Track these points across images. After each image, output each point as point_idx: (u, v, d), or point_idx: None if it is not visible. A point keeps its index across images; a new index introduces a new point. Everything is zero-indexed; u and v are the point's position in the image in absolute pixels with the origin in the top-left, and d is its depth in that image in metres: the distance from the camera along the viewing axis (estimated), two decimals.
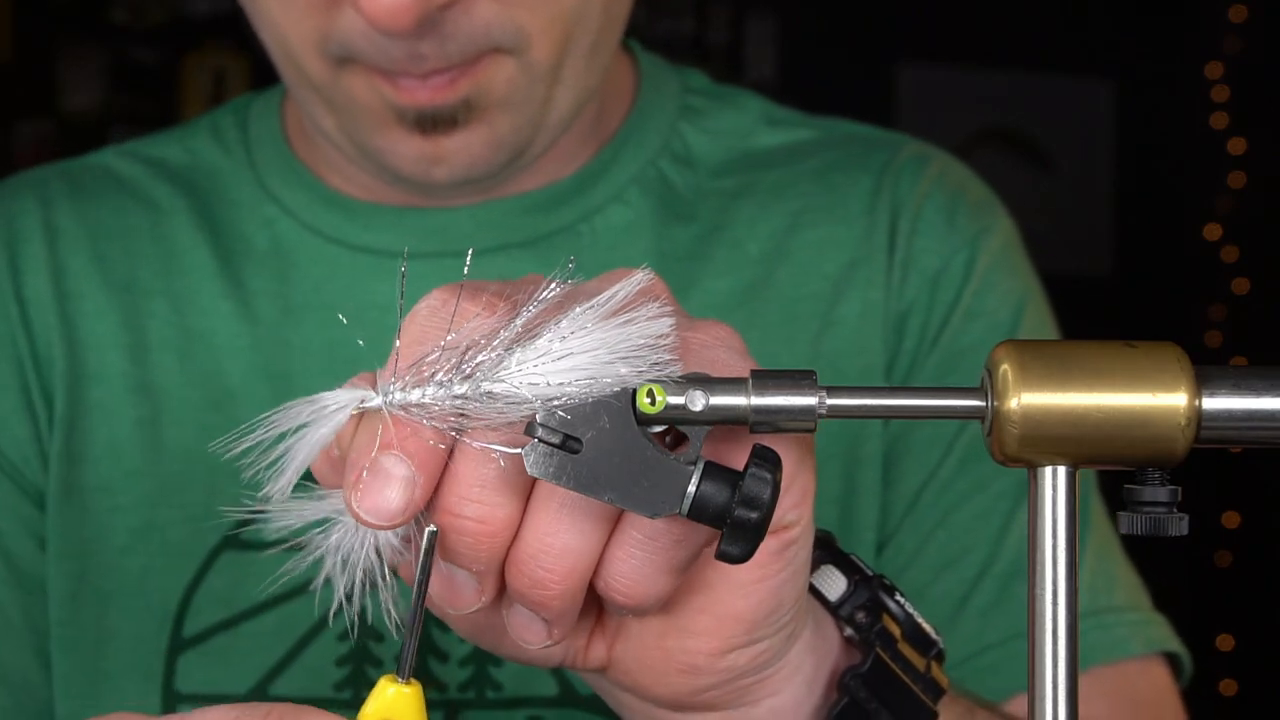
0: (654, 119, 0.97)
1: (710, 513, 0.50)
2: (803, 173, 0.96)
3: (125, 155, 0.98)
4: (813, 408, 0.49)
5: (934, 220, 0.94)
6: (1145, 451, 0.49)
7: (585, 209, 0.92)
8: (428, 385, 0.49)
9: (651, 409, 0.49)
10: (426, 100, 0.80)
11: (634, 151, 0.95)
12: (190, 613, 0.87)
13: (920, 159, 0.97)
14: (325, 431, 0.49)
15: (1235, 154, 3.51)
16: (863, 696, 0.61)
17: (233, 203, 0.94)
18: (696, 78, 1.01)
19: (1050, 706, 0.49)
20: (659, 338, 0.50)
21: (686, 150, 0.96)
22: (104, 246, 0.93)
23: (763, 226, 0.94)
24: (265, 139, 0.96)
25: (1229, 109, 3.52)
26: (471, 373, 0.49)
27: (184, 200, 0.94)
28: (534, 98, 0.84)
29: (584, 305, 0.50)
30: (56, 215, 0.93)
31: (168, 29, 3.43)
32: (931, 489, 0.90)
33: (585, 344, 0.49)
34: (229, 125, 0.98)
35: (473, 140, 0.83)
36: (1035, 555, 0.49)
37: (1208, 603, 3.13)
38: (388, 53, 0.79)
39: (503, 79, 0.82)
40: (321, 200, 0.93)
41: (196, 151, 0.97)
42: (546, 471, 0.49)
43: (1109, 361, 0.49)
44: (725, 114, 0.99)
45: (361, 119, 0.83)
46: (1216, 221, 3.52)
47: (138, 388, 0.89)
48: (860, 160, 0.96)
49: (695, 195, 0.95)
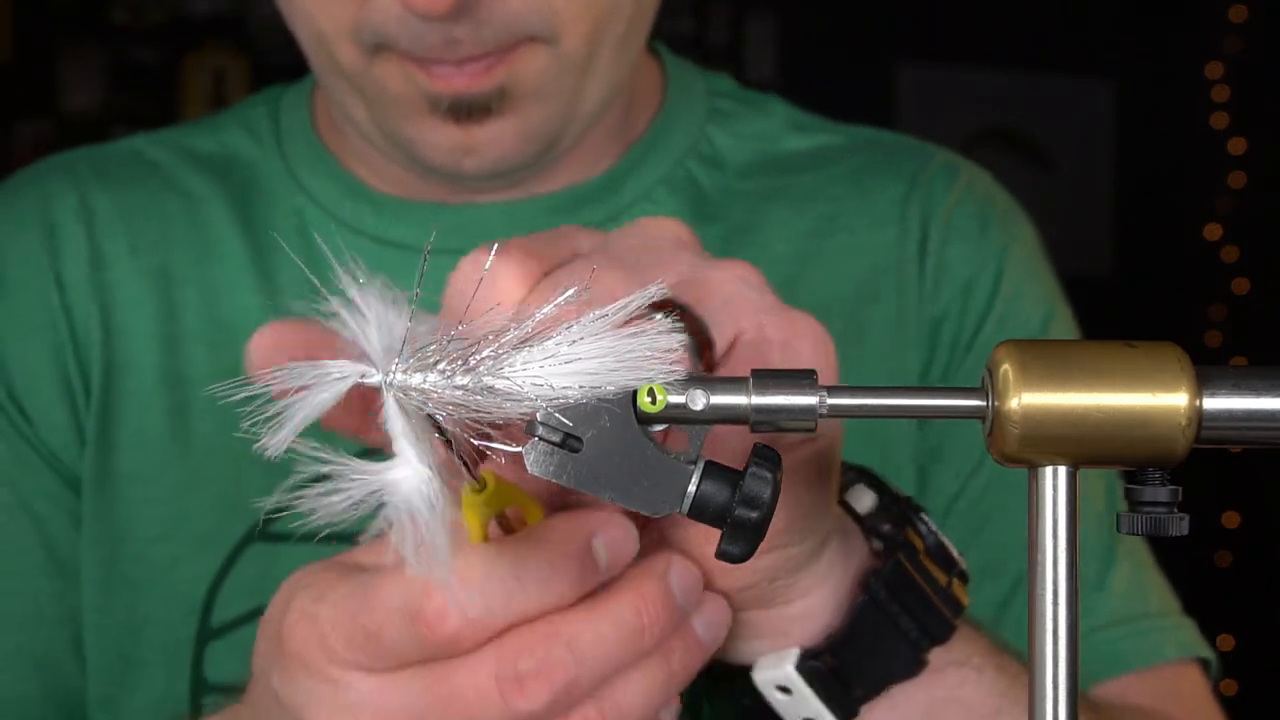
0: (682, 120, 0.97)
1: (710, 512, 0.50)
2: (833, 176, 0.96)
3: (155, 143, 0.98)
4: (813, 407, 0.49)
5: (965, 229, 0.95)
6: (1145, 451, 0.49)
7: (613, 208, 0.93)
8: (430, 372, 0.49)
9: (652, 408, 0.49)
10: (462, 87, 0.80)
11: (662, 152, 0.95)
12: (218, 603, 0.87)
13: (951, 168, 0.98)
14: (325, 397, 0.49)
15: (1235, 154, 3.51)
16: (883, 597, 0.64)
17: (265, 193, 0.94)
18: (723, 81, 1.01)
19: (1050, 707, 0.49)
20: (666, 351, 0.50)
21: (714, 152, 0.97)
22: (139, 231, 0.92)
23: (794, 227, 0.94)
24: (296, 130, 0.96)
25: (1229, 109, 3.53)
26: (476, 365, 0.49)
27: (217, 188, 0.94)
28: (565, 88, 0.84)
29: (596, 312, 0.50)
30: (92, 198, 0.93)
31: (168, 29, 3.43)
32: (967, 495, 0.90)
33: (593, 350, 0.49)
34: (260, 116, 0.98)
35: (505, 131, 0.83)
36: (1035, 555, 0.49)
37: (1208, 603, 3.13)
38: (423, 39, 0.78)
39: (535, 68, 0.82)
40: (349, 193, 0.93)
41: (228, 142, 0.97)
42: (547, 470, 0.49)
43: (1109, 361, 0.49)
44: (752, 118, 0.99)
45: (393, 108, 0.83)
46: (1216, 221, 3.53)
47: (168, 378, 0.89)
48: (891, 166, 0.97)
49: (723, 196, 0.95)
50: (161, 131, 1.00)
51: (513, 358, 0.49)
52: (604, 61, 0.84)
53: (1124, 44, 3.71)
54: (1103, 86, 3.77)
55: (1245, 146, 3.51)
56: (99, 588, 0.88)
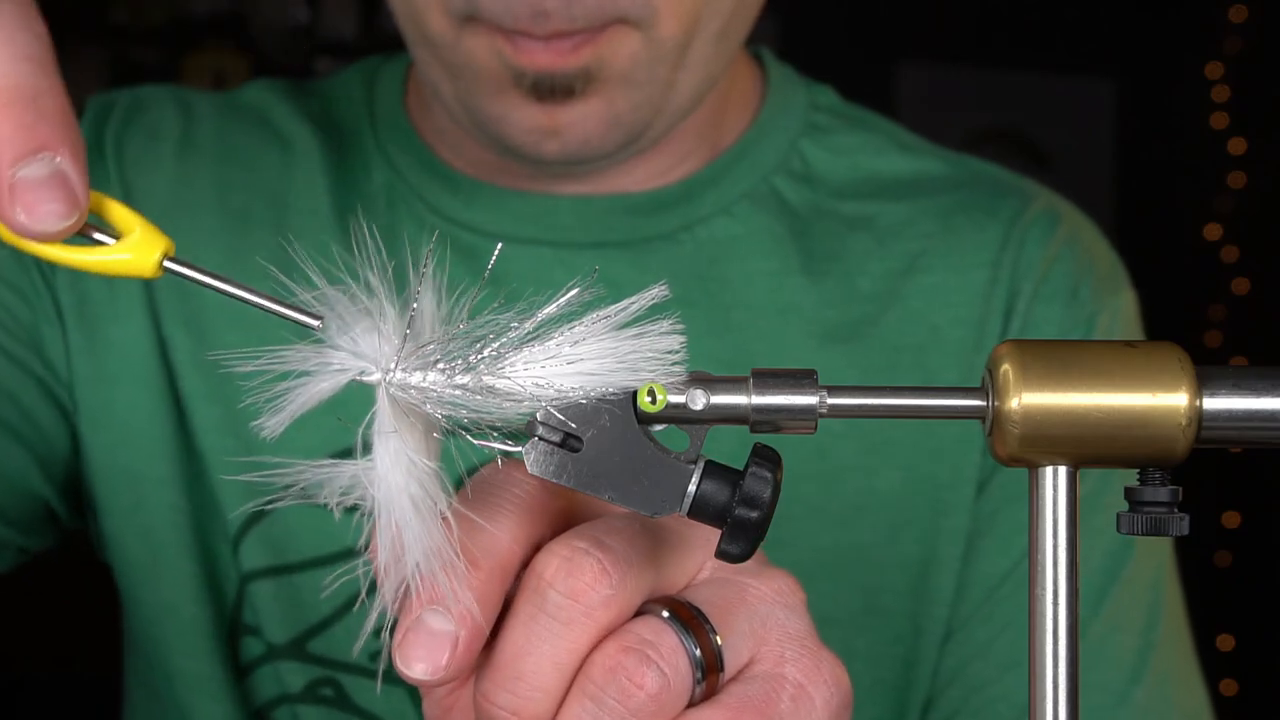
0: (775, 134, 0.94)
1: (710, 512, 0.50)
2: (927, 210, 0.93)
3: (277, 92, 0.98)
4: (813, 407, 0.49)
5: (1058, 289, 0.90)
6: (1145, 451, 0.49)
7: (690, 217, 0.90)
8: (430, 370, 0.49)
9: (652, 408, 0.49)
10: (546, 64, 0.79)
11: (750, 165, 0.93)
12: (244, 547, 0.88)
13: (1051, 217, 0.93)
14: (324, 387, 0.49)
15: (1235, 154, 3.51)
16: None
17: (356, 159, 0.94)
18: (825, 94, 0.98)
19: (1050, 707, 0.49)
20: (668, 353, 0.50)
21: (806, 168, 0.93)
22: (231, 172, 0.93)
23: (878, 264, 0.90)
24: (386, 99, 0.96)
25: (1229, 109, 3.52)
26: (475, 365, 0.49)
27: (319, 148, 0.94)
28: (656, 78, 0.82)
29: (599, 314, 0.50)
30: (196, 128, 0.94)
31: (168, 29, 3.43)
32: (1013, 580, 0.87)
33: (594, 351, 0.49)
34: (356, 83, 0.98)
35: (589, 115, 0.82)
36: (1035, 556, 0.49)
37: (1208, 603, 3.13)
38: (511, 8, 0.78)
39: (626, 53, 0.80)
40: (428, 169, 0.92)
41: (330, 110, 0.97)
42: (547, 470, 0.49)
43: (1109, 361, 0.49)
44: (854, 133, 0.96)
45: (479, 83, 0.82)
46: (1216, 221, 3.52)
47: (235, 322, 0.88)
48: (988, 206, 0.93)
49: (812, 214, 0.92)
50: (279, 84, 1.00)
51: (513, 357, 0.49)
52: (699, 54, 0.82)
53: (1124, 44, 3.71)
54: (1103, 86, 3.77)
55: (1245, 146, 3.50)
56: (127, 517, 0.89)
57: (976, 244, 0.91)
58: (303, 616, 0.88)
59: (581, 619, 0.50)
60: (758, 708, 0.51)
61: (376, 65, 0.99)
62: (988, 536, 0.88)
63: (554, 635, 0.50)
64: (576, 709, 0.50)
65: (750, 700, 0.52)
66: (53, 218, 0.46)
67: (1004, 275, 0.90)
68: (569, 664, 0.51)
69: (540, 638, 0.50)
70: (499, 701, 0.51)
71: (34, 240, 0.47)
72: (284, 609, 0.87)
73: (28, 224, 0.46)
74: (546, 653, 0.50)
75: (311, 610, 0.87)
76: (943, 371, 0.88)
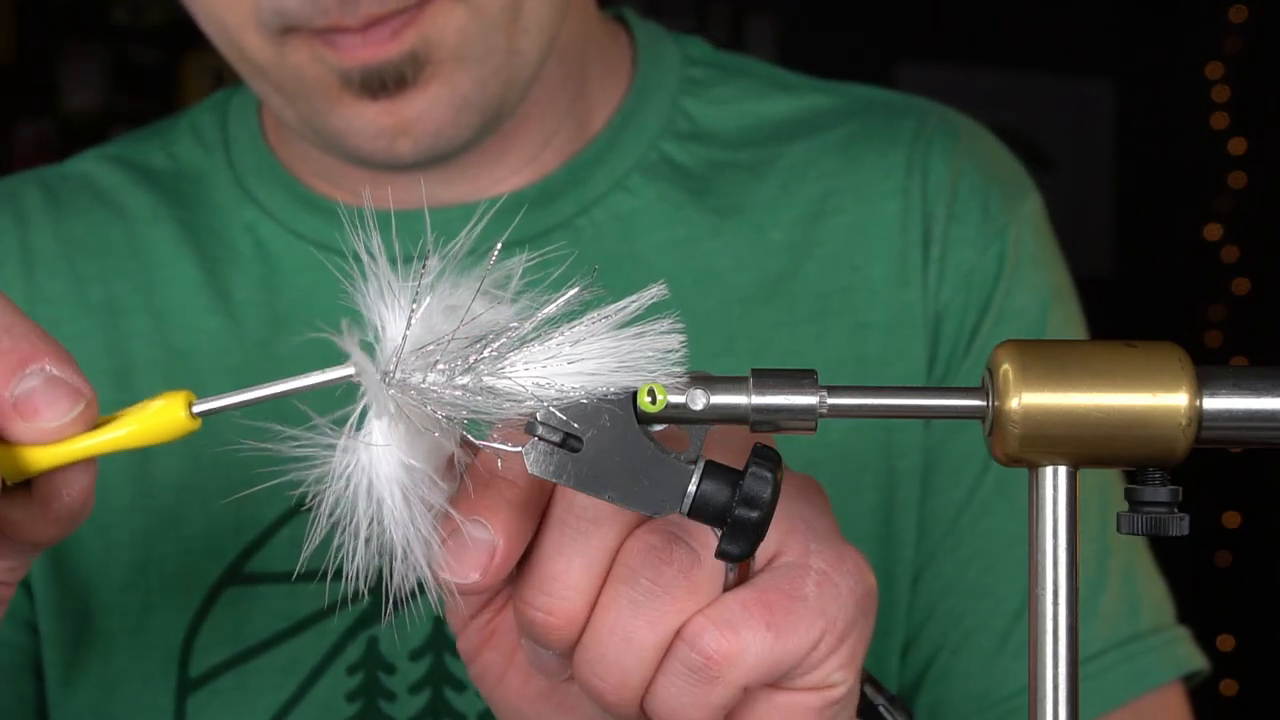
0: (654, 96, 0.90)
1: (710, 512, 0.50)
2: (826, 146, 0.90)
3: (107, 160, 0.93)
4: (813, 407, 0.49)
5: (969, 205, 0.88)
6: (1146, 451, 0.49)
7: (583, 201, 0.87)
8: (430, 371, 0.49)
9: (652, 408, 0.49)
10: (368, 56, 0.75)
11: (634, 134, 0.89)
12: (196, 651, 0.84)
13: (949, 131, 0.90)
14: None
15: (1235, 154, 3.51)
16: None
17: (215, 206, 0.89)
18: (698, 45, 0.94)
19: (1050, 707, 0.49)
20: (668, 352, 0.49)
21: (693, 125, 0.90)
22: (81, 266, 0.88)
23: (786, 212, 0.88)
24: (243, 138, 0.91)
25: (1229, 109, 3.52)
26: (475, 365, 0.49)
27: (166, 209, 0.89)
28: (494, 48, 0.77)
29: (598, 313, 0.50)
30: (33, 235, 0.89)
31: (168, 29, 3.43)
32: (970, 510, 0.86)
33: (594, 350, 0.49)
34: (208, 124, 0.93)
35: (434, 103, 0.77)
36: (1035, 555, 0.49)
37: (1208, 603, 3.13)
38: (319, 3, 0.74)
39: (453, 27, 0.76)
40: (303, 203, 0.88)
41: (178, 155, 0.93)
42: (547, 470, 0.49)
43: (1109, 361, 0.49)
44: (732, 81, 0.92)
45: (312, 97, 0.78)
46: (1216, 221, 3.52)
47: None
48: (886, 131, 0.90)
49: (709, 170, 0.89)
50: (119, 142, 0.95)
51: (513, 358, 0.49)
52: (533, 13, 0.78)
53: (1124, 44, 3.71)
54: (1103, 86, 3.77)
55: (1245, 146, 3.50)
56: (71, 645, 0.85)
57: (882, 172, 0.88)
58: (270, 700, 0.85)
59: (609, 517, 0.52)
60: (785, 589, 0.54)
61: (226, 99, 0.94)
62: (939, 470, 0.87)
63: (583, 535, 0.52)
64: (612, 593, 0.53)
65: (777, 583, 0.54)
66: (61, 412, 0.48)
67: (915, 202, 0.87)
68: (599, 560, 0.53)
69: (570, 539, 0.52)
70: (536, 604, 0.53)
71: (56, 437, 0.49)
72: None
73: (44, 426, 0.48)
74: (578, 550, 0.52)
75: (276, 691, 0.85)
76: (870, 310, 0.86)
